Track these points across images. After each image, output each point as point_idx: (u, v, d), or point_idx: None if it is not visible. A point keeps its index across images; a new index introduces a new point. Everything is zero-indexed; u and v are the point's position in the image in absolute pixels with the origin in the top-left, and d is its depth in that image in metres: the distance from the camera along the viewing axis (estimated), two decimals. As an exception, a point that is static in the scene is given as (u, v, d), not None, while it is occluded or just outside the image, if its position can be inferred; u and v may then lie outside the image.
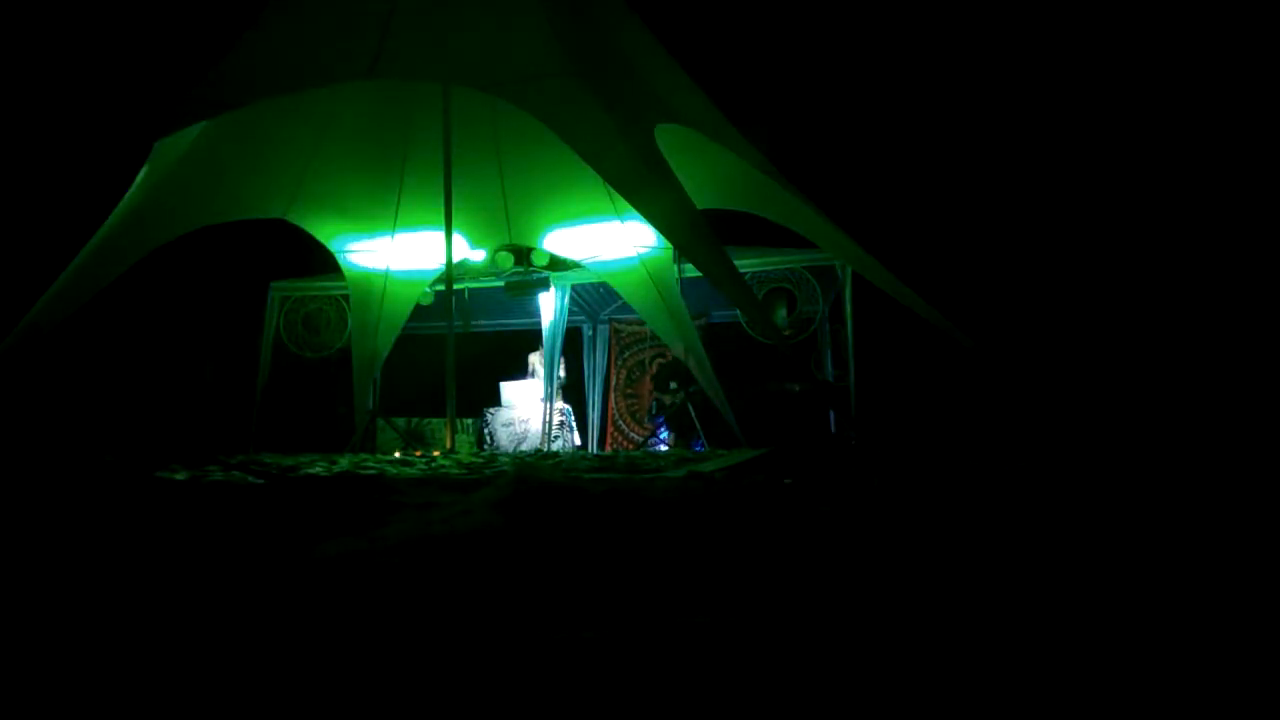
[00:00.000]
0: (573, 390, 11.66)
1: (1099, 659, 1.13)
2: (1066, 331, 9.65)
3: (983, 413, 7.31)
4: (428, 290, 10.39)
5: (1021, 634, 1.24)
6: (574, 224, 9.85)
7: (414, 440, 10.30)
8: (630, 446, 11.13)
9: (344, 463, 5.50)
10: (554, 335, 10.60)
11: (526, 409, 10.63)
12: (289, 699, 1.05)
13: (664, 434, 10.75)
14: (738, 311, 9.39)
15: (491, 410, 10.70)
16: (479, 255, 10.36)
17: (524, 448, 10.00)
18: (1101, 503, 2.55)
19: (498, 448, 10.14)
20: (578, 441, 10.84)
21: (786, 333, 9.46)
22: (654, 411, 11.10)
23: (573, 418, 10.94)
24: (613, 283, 10.11)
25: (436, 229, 8.99)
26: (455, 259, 8.61)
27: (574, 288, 10.89)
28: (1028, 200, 11.36)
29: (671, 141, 6.57)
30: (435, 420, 10.38)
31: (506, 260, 10.39)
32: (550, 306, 10.64)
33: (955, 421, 7.92)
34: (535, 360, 11.27)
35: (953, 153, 12.09)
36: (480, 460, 6.03)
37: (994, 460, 4.36)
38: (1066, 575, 1.60)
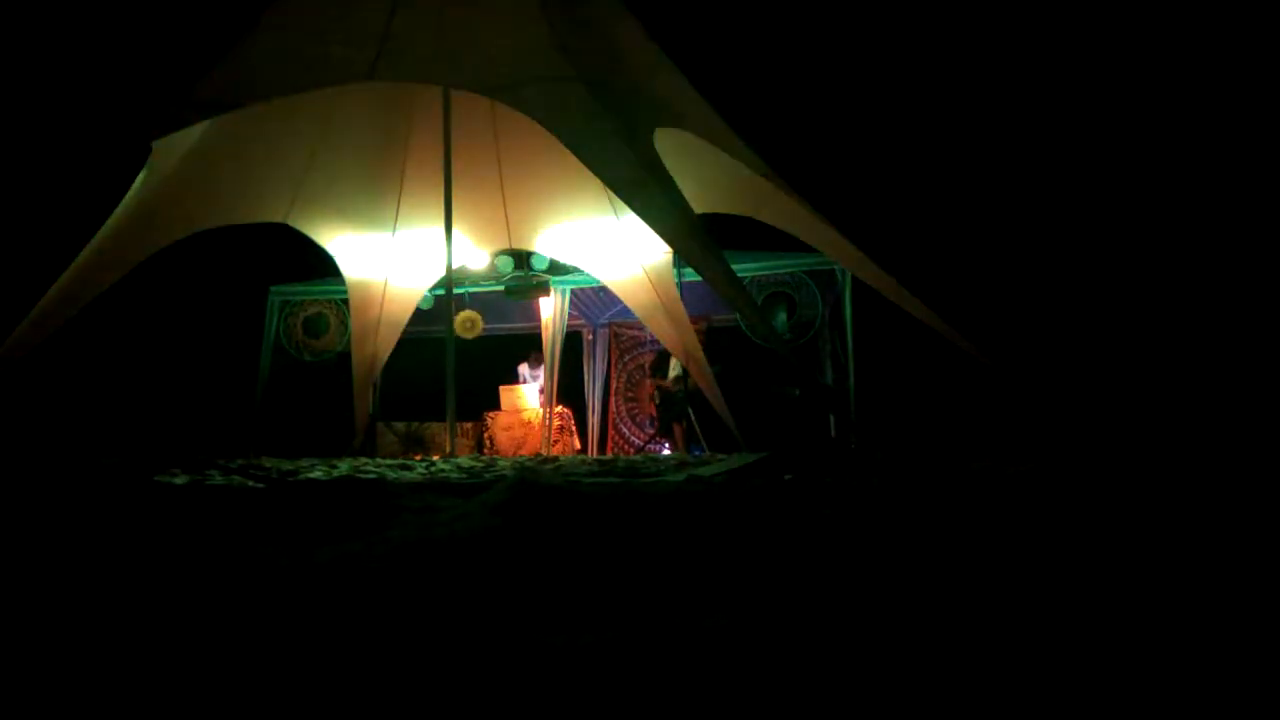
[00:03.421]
0: (573, 394, 11.67)
1: (1099, 659, 1.13)
2: (1067, 333, 9.66)
3: (983, 415, 7.31)
4: (427, 294, 10.40)
5: (1022, 634, 1.24)
6: (573, 227, 9.85)
7: (414, 444, 10.30)
8: (631, 450, 11.13)
9: (344, 467, 5.50)
10: (554, 339, 10.61)
11: (527, 413, 10.64)
12: (289, 702, 1.04)
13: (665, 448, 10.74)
14: (738, 315, 9.40)
15: (491, 414, 10.71)
16: (479, 258, 10.38)
17: (524, 452, 10.00)
18: (1102, 503, 2.55)
19: (497, 452, 10.14)
20: (578, 445, 10.85)
21: (786, 337, 9.46)
22: (658, 401, 11.02)
23: (573, 421, 10.95)
24: (612, 286, 10.11)
25: (436, 231, 9.00)
26: (455, 263, 8.61)
27: (573, 291, 10.90)
28: (1029, 203, 11.37)
29: (671, 145, 6.57)
30: (435, 424, 10.39)
31: (506, 264, 10.41)
32: (550, 310, 10.65)
33: (955, 424, 7.92)
34: (524, 370, 11.30)
35: (953, 156, 12.10)
36: (480, 464, 6.03)
37: (994, 462, 4.36)
38: (1066, 575, 1.60)
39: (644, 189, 5.79)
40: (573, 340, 11.79)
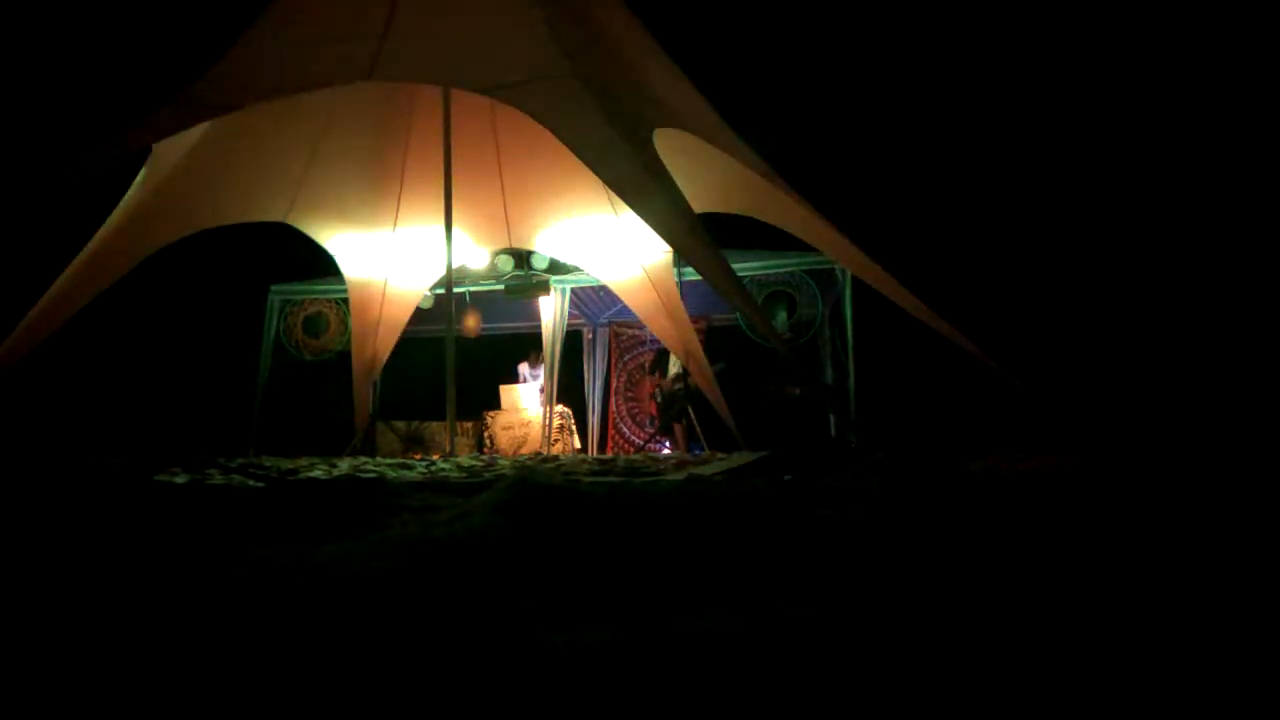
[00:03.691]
0: (573, 393, 11.69)
1: (1100, 660, 1.13)
2: (1069, 334, 9.66)
3: (983, 415, 7.31)
4: (427, 293, 10.40)
5: (1021, 634, 1.24)
6: (573, 226, 9.85)
7: (414, 443, 10.31)
8: (631, 450, 11.13)
9: (344, 466, 5.50)
10: (554, 338, 10.62)
11: (527, 412, 10.64)
12: (289, 702, 1.04)
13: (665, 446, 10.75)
14: (738, 315, 9.40)
15: (491, 413, 10.71)
16: (479, 257, 10.38)
17: (524, 451, 10.01)
18: (1104, 504, 2.55)
19: (497, 451, 10.15)
20: (578, 445, 10.85)
21: (786, 336, 9.46)
22: (659, 400, 11.03)
23: (573, 421, 10.96)
24: (612, 286, 10.11)
25: (436, 231, 9.00)
26: (455, 262, 8.61)
27: (573, 291, 10.90)
28: (1030, 202, 11.36)
29: (671, 145, 6.57)
30: (435, 423, 10.40)
31: (506, 263, 10.42)
32: (550, 310, 10.65)
33: (955, 424, 7.92)
34: (524, 370, 11.31)
35: (953, 155, 12.09)
36: (480, 463, 6.03)
37: (993, 462, 4.36)
38: (1066, 575, 1.60)
39: (644, 189, 5.78)
40: (573, 340, 11.80)
